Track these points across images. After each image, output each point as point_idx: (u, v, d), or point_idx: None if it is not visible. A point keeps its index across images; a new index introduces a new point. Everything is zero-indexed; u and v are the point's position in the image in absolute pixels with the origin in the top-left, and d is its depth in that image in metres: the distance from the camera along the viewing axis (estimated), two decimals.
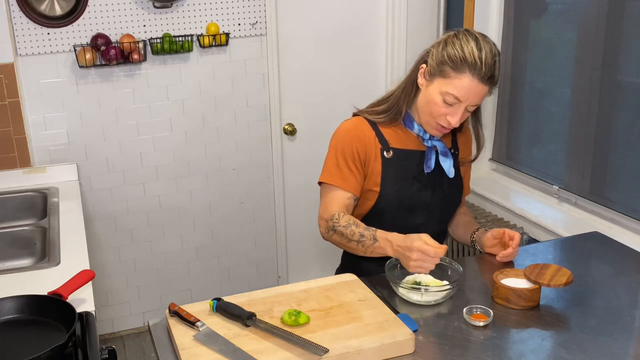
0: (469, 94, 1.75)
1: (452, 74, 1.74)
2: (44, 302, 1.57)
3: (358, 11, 3.26)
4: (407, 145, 1.91)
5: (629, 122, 2.54)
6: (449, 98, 1.76)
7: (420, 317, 1.63)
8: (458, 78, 1.74)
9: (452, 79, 1.75)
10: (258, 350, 1.43)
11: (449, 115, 1.78)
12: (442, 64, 1.76)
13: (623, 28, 2.51)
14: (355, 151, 1.87)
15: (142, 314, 3.30)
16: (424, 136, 1.90)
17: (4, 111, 2.74)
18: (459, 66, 1.73)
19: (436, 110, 1.79)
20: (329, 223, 1.84)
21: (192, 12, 2.95)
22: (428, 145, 1.91)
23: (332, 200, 1.87)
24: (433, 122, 1.83)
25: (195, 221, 3.25)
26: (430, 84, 1.80)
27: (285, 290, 1.70)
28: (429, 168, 1.91)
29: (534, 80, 3.02)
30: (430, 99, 1.79)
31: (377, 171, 1.88)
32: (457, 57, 1.74)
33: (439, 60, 1.77)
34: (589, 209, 2.72)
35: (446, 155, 1.92)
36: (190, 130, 3.12)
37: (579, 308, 1.67)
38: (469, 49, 1.73)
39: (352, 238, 1.79)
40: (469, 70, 1.73)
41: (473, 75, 1.73)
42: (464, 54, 1.73)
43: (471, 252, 3.03)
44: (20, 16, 2.71)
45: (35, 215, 2.53)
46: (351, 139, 1.87)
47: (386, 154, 1.88)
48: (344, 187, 1.86)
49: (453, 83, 1.74)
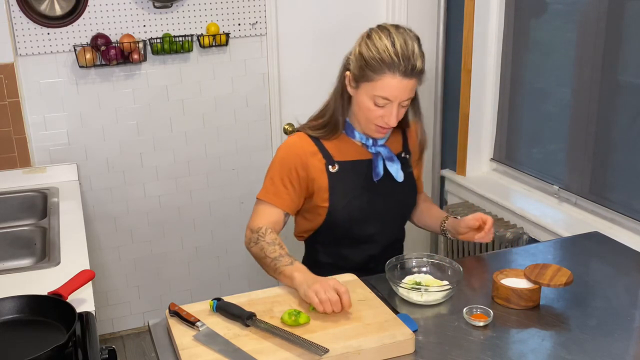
0: (396, 91, 1.72)
1: (374, 76, 1.72)
2: (44, 302, 1.57)
3: (358, 11, 3.26)
4: (352, 156, 1.88)
5: (629, 122, 2.54)
6: (379, 100, 1.74)
7: (420, 317, 1.63)
8: (380, 80, 1.71)
9: (375, 82, 1.72)
10: (258, 350, 1.43)
11: (384, 116, 1.76)
12: (362, 69, 1.74)
13: (623, 28, 2.51)
14: (293, 169, 1.84)
15: (142, 314, 3.30)
16: (367, 143, 1.87)
17: (4, 111, 2.74)
18: (377, 68, 1.71)
19: (371, 114, 1.77)
20: (254, 235, 1.82)
21: (192, 12, 2.95)
22: (373, 152, 1.88)
23: (262, 214, 1.86)
24: (372, 125, 1.81)
25: (195, 221, 3.25)
26: (358, 90, 1.78)
27: (285, 290, 1.70)
28: (378, 175, 1.88)
29: (534, 80, 3.02)
30: (362, 104, 1.77)
31: (324, 187, 1.86)
32: (374, 59, 1.71)
33: (359, 65, 1.75)
34: (589, 209, 2.72)
35: (392, 159, 1.89)
36: (190, 130, 3.12)
37: (579, 308, 1.67)
38: (383, 47, 1.70)
39: (271, 255, 1.74)
40: (389, 70, 1.70)
41: (394, 74, 1.70)
42: (380, 55, 1.70)
43: (471, 252, 3.03)
44: (20, 16, 2.71)
45: (35, 215, 2.53)
46: (290, 156, 1.85)
47: (331, 168, 1.86)
48: (274, 203, 1.85)
49: (377, 85, 1.72)
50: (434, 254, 1.94)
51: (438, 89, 3.35)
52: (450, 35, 3.26)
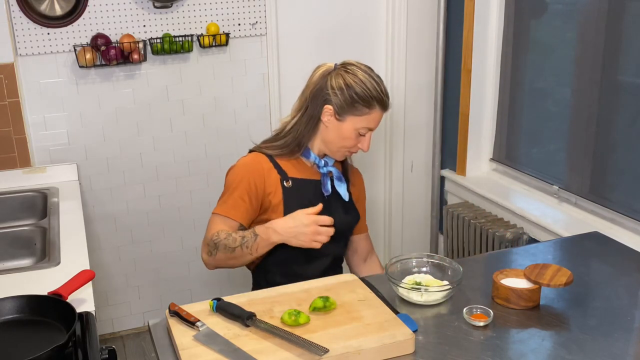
0: (378, 122, 1.97)
1: (365, 110, 1.91)
2: (44, 302, 1.57)
3: (358, 11, 3.26)
4: (304, 175, 2.00)
5: (629, 122, 2.55)
6: (364, 131, 1.94)
7: (420, 317, 1.63)
8: (369, 113, 1.92)
9: (365, 115, 1.92)
10: (258, 350, 1.43)
11: (360, 143, 1.97)
12: (352, 104, 1.90)
13: (623, 28, 2.51)
14: (252, 183, 1.92)
15: (142, 314, 3.29)
16: (319, 164, 2.02)
17: (4, 111, 2.74)
18: (370, 103, 1.90)
19: (350, 143, 1.96)
20: (210, 245, 1.88)
21: (192, 12, 2.95)
22: (324, 171, 2.02)
23: (215, 226, 1.92)
24: (344, 151, 1.99)
25: (195, 221, 3.25)
26: (342, 123, 1.93)
27: (285, 290, 1.70)
28: (327, 192, 2.00)
29: (534, 80, 3.02)
30: (346, 135, 1.94)
31: (279, 201, 1.94)
32: (366, 96, 1.89)
33: (349, 101, 1.90)
34: (589, 209, 2.72)
35: (340, 180, 2.04)
36: (190, 130, 3.12)
37: (579, 308, 1.67)
38: (372, 85, 1.90)
39: (235, 244, 1.84)
40: (378, 104, 1.92)
41: (381, 108, 1.94)
42: (370, 92, 1.90)
43: (471, 253, 3.03)
44: (20, 16, 2.71)
45: (35, 215, 2.53)
46: (248, 172, 1.94)
47: (286, 183, 1.96)
48: (230, 215, 1.91)
49: (369, 118, 1.93)
50: (434, 254, 1.94)
51: (438, 89, 3.35)
52: (450, 35, 3.26)
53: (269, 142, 2.03)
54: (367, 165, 3.52)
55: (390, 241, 3.63)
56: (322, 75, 1.95)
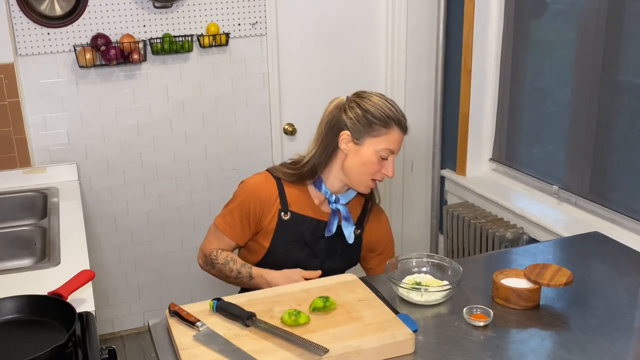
0: (399, 145, 1.90)
1: (383, 130, 1.86)
2: (44, 302, 1.57)
3: (358, 11, 3.26)
4: (306, 212, 1.94)
5: (629, 122, 2.55)
6: (385, 153, 1.87)
7: (420, 317, 1.63)
8: (388, 133, 1.86)
9: (384, 136, 1.86)
10: (258, 350, 1.43)
11: (384, 169, 1.89)
12: (369, 125, 1.85)
13: (623, 28, 2.51)
14: (252, 209, 1.92)
15: (142, 314, 3.29)
16: (330, 198, 1.93)
17: (4, 111, 2.74)
18: (387, 123, 1.85)
19: (372, 168, 1.88)
20: (208, 259, 2.00)
21: (192, 12, 2.95)
22: (332, 208, 1.95)
23: (215, 239, 1.99)
24: (367, 180, 1.90)
25: (195, 221, 3.25)
26: (361, 147, 1.87)
27: (285, 290, 1.70)
28: (330, 232, 1.94)
29: (534, 81, 3.02)
30: (367, 159, 1.87)
31: (271, 229, 1.92)
32: (383, 115, 1.85)
33: (365, 122, 1.85)
34: (589, 209, 2.72)
35: (348, 220, 1.96)
36: (190, 130, 3.12)
37: (579, 308, 1.67)
38: (386, 105, 1.87)
39: (230, 275, 1.95)
40: (396, 124, 1.87)
41: (400, 129, 1.88)
42: (386, 112, 1.86)
43: (471, 253, 3.03)
44: (20, 16, 2.71)
45: (35, 215, 2.53)
46: (252, 196, 1.92)
47: (284, 215, 1.92)
48: (228, 235, 1.95)
49: (386, 139, 1.86)
50: (434, 254, 1.94)
51: (438, 89, 3.35)
52: (450, 35, 3.26)
53: (285, 167, 1.97)
54: None
55: None
56: (336, 106, 1.91)
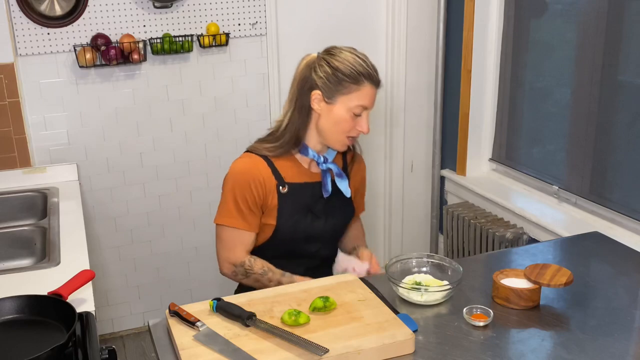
0: (372, 99, 1.89)
1: (354, 87, 1.85)
2: (44, 302, 1.57)
3: (358, 11, 3.26)
4: (300, 179, 1.96)
5: (629, 122, 2.55)
6: (357, 110, 1.87)
7: (420, 317, 1.63)
8: (360, 90, 1.86)
9: (355, 93, 1.86)
10: (258, 350, 1.43)
11: (358, 125, 1.89)
12: (339, 83, 1.85)
13: (623, 28, 2.51)
14: (255, 194, 1.90)
15: (142, 314, 3.29)
16: (318, 160, 1.96)
17: (4, 111, 2.74)
18: (357, 79, 1.85)
19: (346, 126, 1.88)
20: (239, 269, 1.93)
21: (192, 12, 2.95)
22: (323, 168, 1.97)
23: (237, 243, 1.93)
24: (343, 138, 1.91)
25: (195, 221, 3.25)
26: (333, 105, 1.88)
27: (285, 290, 1.70)
28: (327, 192, 1.97)
29: (534, 80, 3.02)
30: (339, 118, 1.88)
31: (274, 206, 1.93)
32: (352, 72, 1.85)
33: (335, 80, 1.86)
34: (589, 209, 2.72)
35: (341, 176, 2.00)
36: (190, 130, 3.12)
37: (579, 308, 1.67)
38: (356, 61, 1.86)
39: (269, 284, 1.90)
40: (367, 79, 1.86)
41: (371, 83, 1.87)
42: (356, 68, 1.85)
43: (471, 252, 3.03)
44: (20, 16, 2.71)
45: (35, 215, 2.53)
46: (249, 182, 1.90)
47: (282, 189, 1.93)
48: (247, 229, 1.92)
49: (358, 96, 1.86)
50: (434, 254, 1.94)
51: (438, 89, 3.35)
52: (450, 35, 3.26)
53: (265, 142, 1.97)
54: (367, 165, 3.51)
55: (390, 241, 3.63)
56: (307, 65, 1.93)
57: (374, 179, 3.54)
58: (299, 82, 1.93)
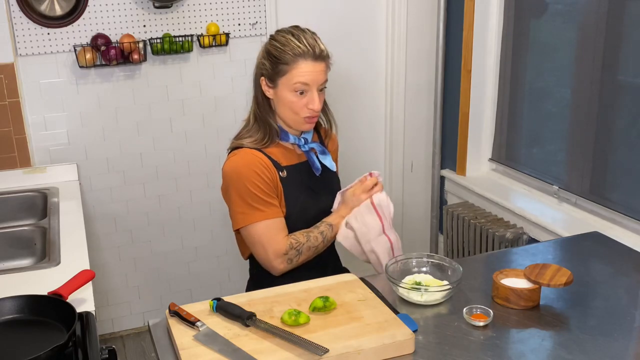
0: (312, 75, 1.86)
1: (289, 67, 1.86)
2: (44, 302, 1.57)
3: (358, 11, 3.26)
4: (292, 160, 1.99)
5: (629, 122, 2.55)
6: (299, 86, 1.86)
7: (420, 317, 1.63)
8: (296, 67, 1.86)
9: (292, 71, 1.86)
10: (258, 350, 1.43)
11: (309, 103, 1.88)
12: (275, 65, 1.88)
13: (623, 28, 2.51)
14: (268, 180, 1.90)
15: (142, 314, 3.29)
16: (299, 142, 1.97)
17: (4, 111, 2.74)
18: (289, 59, 1.85)
19: (296, 105, 1.89)
20: (290, 253, 1.90)
21: (192, 12, 2.95)
22: (306, 149, 1.99)
23: (274, 233, 1.89)
24: (300, 118, 1.91)
25: (195, 221, 3.25)
26: (277, 89, 1.90)
27: (285, 290, 1.70)
28: (318, 170, 2.00)
29: (534, 81, 3.02)
30: (286, 99, 1.89)
31: (280, 191, 1.94)
32: (283, 52, 1.86)
33: (271, 64, 1.89)
34: (589, 209, 2.72)
35: (324, 152, 2.03)
36: (190, 130, 3.12)
37: (579, 308, 1.67)
38: (287, 41, 1.86)
39: (319, 244, 1.94)
40: (300, 57, 1.85)
41: (306, 59, 1.85)
42: (287, 47, 1.86)
43: (471, 252, 3.03)
44: (20, 16, 2.71)
45: (35, 215, 2.53)
46: (256, 171, 1.89)
47: (281, 173, 1.94)
48: (276, 216, 1.90)
49: (295, 74, 1.86)
50: (434, 254, 1.94)
51: (438, 88, 3.35)
52: (450, 35, 3.26)
53: (247, 138, 1.96)
54: (367, 165, 3.52)
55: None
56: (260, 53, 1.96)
57: None
58: (254, 71, 1.97)
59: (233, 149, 1.98)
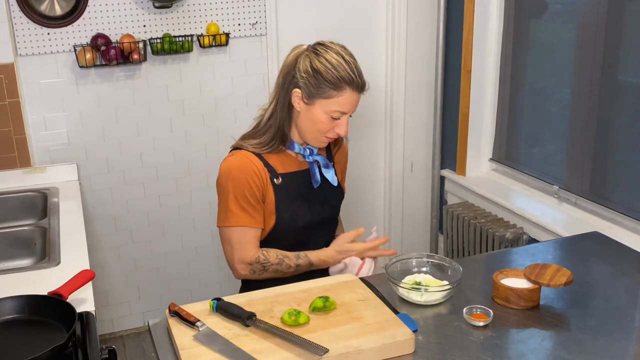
0: (352, 106, 1.87)
1: (333, 93, 1.82)
2: (44, 302, 1.57)
3: (358, 11, 3.26)
4: (292, 168, 1.97)
5: (629, 122, 2.55)
6: (336, 114, 1.85)
7: (420, 317, 1.63)
8: (341, 95, 1.83)
9: (334, 98, 1.83)
10: (258, 350, 1.43)
11: (337, 127, 1.88)
12: (319, 86, 1.82)
13: (623, 28, 2.51)
14: (254, 187, 1.89)
15: (142, 314, 3.29)
16: (304, 153, 1.96)
17: (4, 111, 2.74)
18: (338, 85, 1.81)
19: (324, 127, 1.87)
20: (256, 266, 1.91)
21: (192, 12, 2.95)
22: (310, 160, 1.98)
23: (245, 241, 1.92)
24: (322, 138, 1.91)
25: (195, 221, 3.25)
26: (312, 107, 1.86)
27: (285, 290, 1.70)
28: (317, 182, 1.98)
29: (534, 81, 3.02)
30: (317, 119, 1.86)
31: (271, 199, 1.93)
32: (334, 77, 1.81)
33: (315, 83, 1.82)
34: (589, 209, 2.72)
35: (327, 166, 2.01)
36: (190, 130, 3.12)
37: (579, 308, 1.67)
38: (340, 65, 1.82)
39: (288, 271, 1.93)
40: (348, 86, 1.82)
41: (352, 89, 1.83)
42: (338, 72, 1.81)
43: (471, 252, 3.03)
44: (20, 16, 2.71)
45: (35, 215, 2.53)
46: (247, 177, 1.89)
47: (276, 181, 1.93)
48: (254, 225, 1.91)
49: (337, 102, 1.83)
50: (434, 254, 1.94)
51: (438, 89, 3.35)
52: (450, 35, 3.26)
53: (251, 139, 1.96)
54: (367, 165, 3.52)
55: (390, 241, 3.64)
56: (294, 57, 1.89)
57: (374, 179, 3.54)
58: (284, 76, 1.91)
59: (234, 148, 1.99)
